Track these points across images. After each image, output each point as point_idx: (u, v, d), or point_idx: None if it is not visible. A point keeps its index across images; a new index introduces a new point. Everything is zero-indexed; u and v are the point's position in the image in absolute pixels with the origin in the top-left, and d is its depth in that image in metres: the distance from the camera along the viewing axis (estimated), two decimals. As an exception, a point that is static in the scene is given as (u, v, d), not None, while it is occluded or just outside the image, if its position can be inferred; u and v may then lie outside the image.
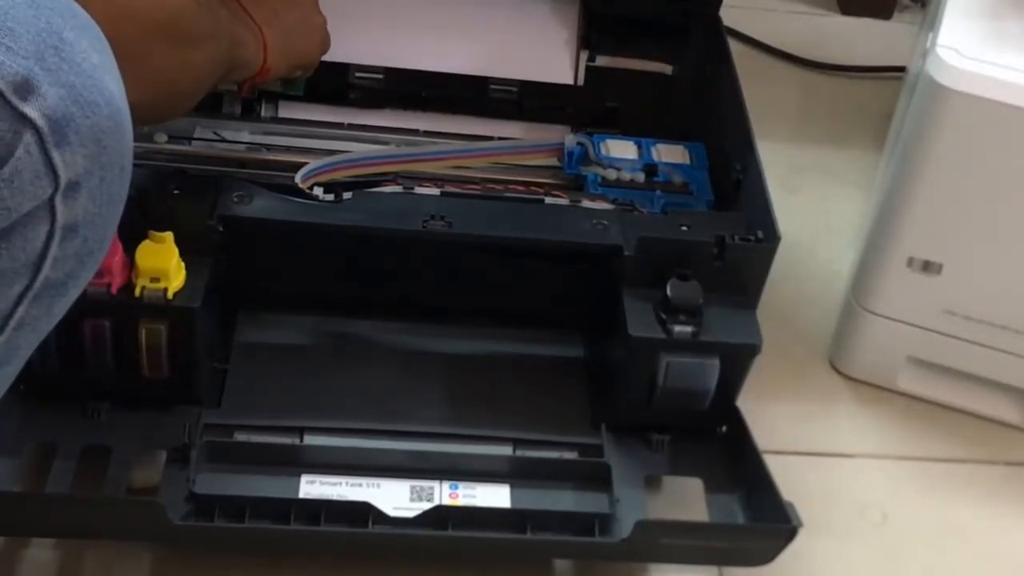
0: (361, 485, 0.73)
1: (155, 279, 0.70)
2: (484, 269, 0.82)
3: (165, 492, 0.71)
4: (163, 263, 0.70)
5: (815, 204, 1.14)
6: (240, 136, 0.92)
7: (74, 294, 0.53)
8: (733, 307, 0.76)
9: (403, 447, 0.76)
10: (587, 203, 0.85)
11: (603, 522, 0.73)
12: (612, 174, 0.89)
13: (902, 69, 1.15)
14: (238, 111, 0.93)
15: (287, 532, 0.70)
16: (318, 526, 0.70)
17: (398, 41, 0.97)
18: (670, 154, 0.92)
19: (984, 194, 0.84)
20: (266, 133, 0.93)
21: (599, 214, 0.79)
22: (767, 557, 0.73)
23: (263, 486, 0.72)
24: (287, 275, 0.83)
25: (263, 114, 0.95)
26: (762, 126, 0.85)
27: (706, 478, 0.78)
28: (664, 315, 0.74)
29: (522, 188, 0.87)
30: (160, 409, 0.75)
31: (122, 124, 0.50)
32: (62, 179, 0.48)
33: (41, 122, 0.46)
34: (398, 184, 0.85)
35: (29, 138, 0.46)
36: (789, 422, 0.92)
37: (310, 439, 0.76)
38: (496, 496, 0.74)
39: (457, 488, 0.74)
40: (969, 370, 0.93)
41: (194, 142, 0.89)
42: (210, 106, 0.91)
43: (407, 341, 0.83)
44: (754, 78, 0.93)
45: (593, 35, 1.00)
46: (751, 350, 0.75)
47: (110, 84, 0.49)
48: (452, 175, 0.89)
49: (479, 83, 0.97)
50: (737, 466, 0.77)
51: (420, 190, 0.84)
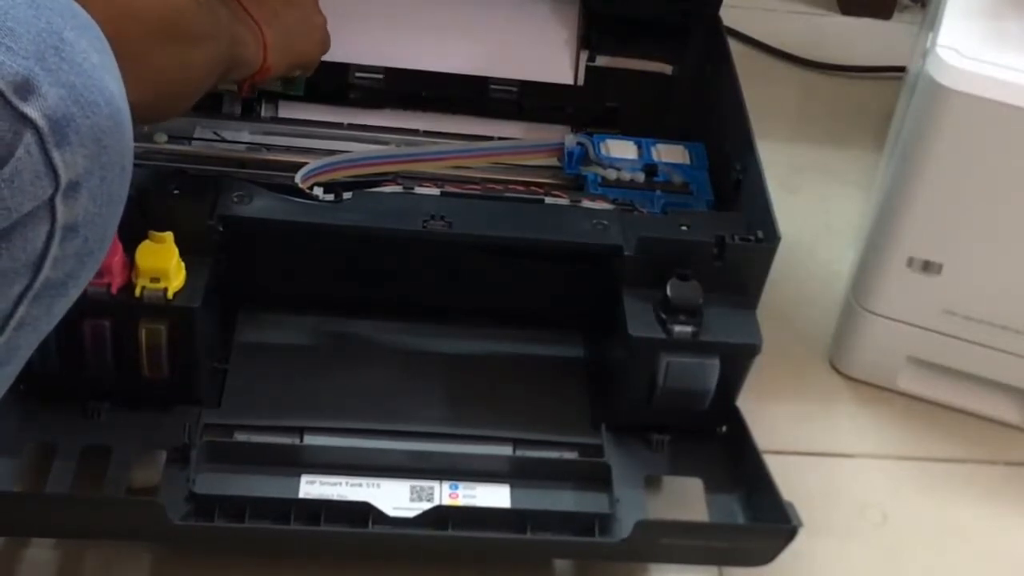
0: (361, 485, 0.73)
1: (155, 279, 0.70)
2: (484, 269, 0.82)
3: (165, 492, 0.71)
4: (163, 263, 0.70)
5: (815, 204, 1.14)
6: (240, 136, 0.91)
7: (74, 294, 0.53)
8: (733, 307, 0.76)
9: (403, 447, 0.76)
10: (587, 203, 0.85)
11: (603, 522, 0.73)
12: (612, 174, 0.89)
13: (902, 69, 1.15)
14: (238, 111, 0.93)
15: (287, 532, 0.70)
16: (318, 526, 0.70)
17: (398, 41, 0.97)
18: (670, 154, 0.92)
19: (984, 194, 0.84)
20: (266, 133, 0.93)
21: (599, 214, 0.79)
22: (767, 557, 0.73)
23: (263, 486, 0.72)
24: (287, 275, 0.82)
25: (263, 114, 0.94)
26: (762, 126, 0.85)
27: (706, 478, 0.78)
28: (664, 315, 0.74)
29: (522, 188, 0.87)
30: (160, 409, 0.75)
31: (122, 124, 0.50)
32: (62, 179, 0.48)
33: (41, 122, 0.46)
34: (398, 184, 0.85)
35: (29, 138, 0.46)
36: (789, 422, 0.92)
37: (310, 439, 0.76)
38: (496, 496, 0.74)
39: (457, 488, 0.74)
40: (969, 370, 0.93)
41: (194, 142, 0.89)
42: (210, 106, 0.91)
43: (407, 341, 0.83)
44: (754, 78, 0.93)
45: (593, 35, 0.99)
46: (751, 350, 0.75)
47: (110, 84, 0.49)
48: (452, 175, 0.89)
49: (479, 83, 0.97)
50: (737, 466, 0.77)
51: (420, 190, 0.84)
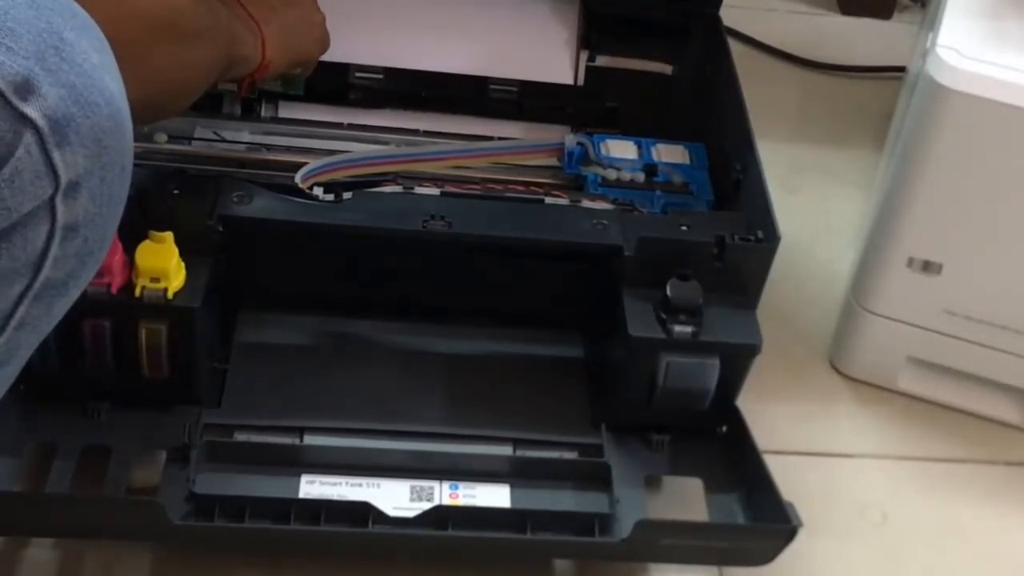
0: (361, 485, 0.73)
1: (155, 279, 0.70)
2: (484, 269, 0.82)
3: (165, 492, 0.71)
4: (163, 263, 0.70)
5: (815, 204, 1.14)
6: (240, 136, 0.91)
7: (74, 294, 0.53)
8: (733, 307, 0.76)
9: (403, 447, 0.76)
10: (587, 203, 0.85)
11: (603, 522, 0.73)
12: (612, 174, 0.89)
13: (902, 69, 1.15)
14: (238, 111, 0.93)
15: (287, 532, 0.70)
16: (318, 526, 0.70)
17: (398, 41, 0.97)
18: (670, 154, 0.92)
19: (984, 194, 0.84)
20: (266, 133, 0.93)
21: (599, 214, 0.79)
22: (767, 557, 0.73)
23: (263, 486, 0.72)
24: (287, 275, 0.82)
25: (263, 114, 0.94)
26: (762, 126, 0.85)
27: (706, 478, 0.78)
28: (664, 315, 0.74)
29: (522, 188, 0.87)
30: (160, 409, 0.75)
31: (122, 124, 0.50)
32: (62, 179, 0.48)
33: (41, 122, 0.46)
34: (398, 184, 0.85)
35: (29, 138, 0.46)
36: (789, 422, 0.92)
37: (310, 439, 0.76)
38: (496, 496, 0.74)
39: (457, 488, 0.74)
40: (969, 370, 0.93)
41: (194, 142, 0.89)
42: (210, 106, 0.91)
43: (407, 341, 0.83)
44: (754, 78, 0.93)
45: (593, 35, 0.99)
46: (751, 350, 0.75)
47: (110, 84, 0.49)
48: (452, 175, 0.89)
49: (479, 83, 0.97)
50: (737, 466, 0.77)
51: (420, 190, 0.84)
